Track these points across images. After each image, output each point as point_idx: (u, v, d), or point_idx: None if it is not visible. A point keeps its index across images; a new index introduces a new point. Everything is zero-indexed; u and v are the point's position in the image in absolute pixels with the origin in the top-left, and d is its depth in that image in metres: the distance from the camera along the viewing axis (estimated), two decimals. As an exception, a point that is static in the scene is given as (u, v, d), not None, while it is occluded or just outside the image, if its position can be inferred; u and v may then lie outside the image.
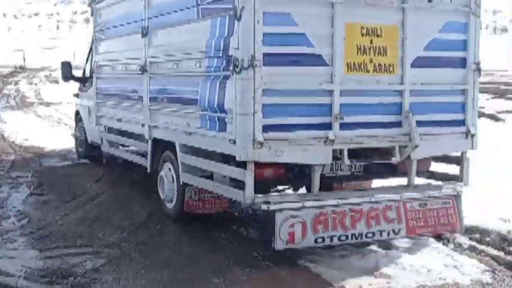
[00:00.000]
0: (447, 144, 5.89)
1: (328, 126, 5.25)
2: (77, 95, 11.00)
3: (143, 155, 7.53)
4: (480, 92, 6.15)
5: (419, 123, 5.60)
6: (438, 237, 6.10)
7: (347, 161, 5.36)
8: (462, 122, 5.91)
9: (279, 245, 5.13)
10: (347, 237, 5.37)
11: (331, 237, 5.31)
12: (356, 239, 5.43)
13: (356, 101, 5.40)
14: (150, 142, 7.01)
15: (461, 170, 6.06)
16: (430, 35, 5.66)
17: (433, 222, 5.73)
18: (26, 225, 6.56)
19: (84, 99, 10.36)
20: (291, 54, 5.11)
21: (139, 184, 8.46)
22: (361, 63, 5.37)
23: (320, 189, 5.40)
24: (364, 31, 5.35)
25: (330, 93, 5.26)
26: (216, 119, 5.40)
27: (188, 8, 5.88)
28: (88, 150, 10.41)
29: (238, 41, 4.99)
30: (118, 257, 5.53)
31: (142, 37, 6.95)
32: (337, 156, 5.33)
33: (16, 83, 30.32)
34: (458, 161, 6.07)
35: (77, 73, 10.55)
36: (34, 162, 10.34)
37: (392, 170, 5.97)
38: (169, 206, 6.64)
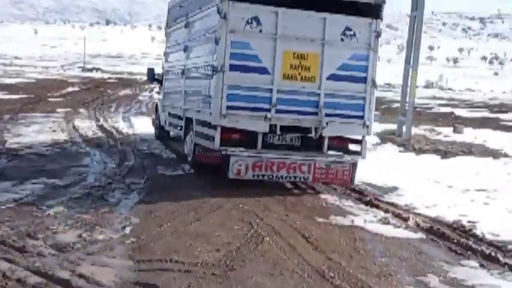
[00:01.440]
0: (350, 130, 9.62)
1: (268, 110, 9.15)
2: (158, 93, 16.10)
3: (181, 129, 11.82)
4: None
5: (329, 115, 9.34)
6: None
7: (278, 132, 9.23)
8: (362, 117, 9.54)
9: (231, 175, 9.10)
10: (273, 176, 9.23)
11: (263, 175, 9.19)
12: (279, 179, 9.29)
13: (287, 97, 9.23)
14: (184, 120, 11.29)
15: (361, 148, 9.71)
16: (341, 60, 9.34)
17: (332, 176, 9.42)
18: (128, 234, 6.65)
19: (160, 96, 14.95)
20: (247, 66, 9.05)
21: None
22: (292, 75, 9.20)
23: (271, 148, 9.38)
24: (295, 55, 9.18)
25: (270, 91, 9.15)
26: (207, 101, 9.50)
27: (200, 36, 10.22)
28: (160, 131, 14.55)
29: (216, 56, 9.07)
30: (206, 277, 5.47)
31: (183, 52, 11.33)
32: (273, 127, 9.20)
33: (151, 90, 35.37)
34: (360, 142, 9.75)
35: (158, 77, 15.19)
36: (149, 168, 10.69)
37: (319, 145, 9.72)
38: (189, 158, 10.91)
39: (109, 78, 55.36)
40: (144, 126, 17.26)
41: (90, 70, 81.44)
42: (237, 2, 8.89)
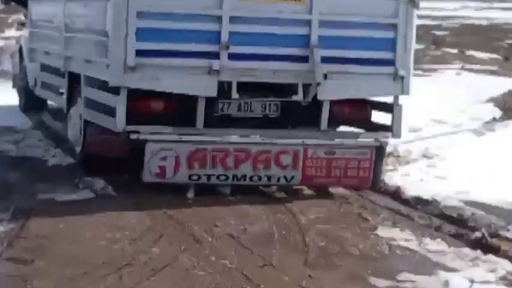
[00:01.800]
0: (367, 86, 5.35)
1: (215, 56, 4.99)
2: (22, 25, 9.31)
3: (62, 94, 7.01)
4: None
5: (330, 59, 5.12)
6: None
7: (235, 95, 5.07)
8: (390, 62, 5.30)
9: (147, 177, 5.04)
10: (227, 177, 5.12)
11: (209, 176, 5.10)
12: (238, 180, 5.15)
13: (249, 30, 5.05)
14: (66, 77, 6.44)
15: (392, 119, 5.47)
16: None
17: (337, 173, 5.27)
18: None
19: (25, 32, 8.68)
20: None
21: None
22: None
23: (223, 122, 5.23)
24: None
25: (218, 19, 4.97)
26: (103, 43, 5.26)
27: None
28: (29, 99, 8.53)
29: None
30: None
31: None
32: (225, 90, 5.06)
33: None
34: (389, 107, 5.50)
35: None
36: (21, 191, 5.60)
37: (314, 118, 5.51)
38: (77, 149, 6.12)
39: None
40: (7, 100, 9.35)
41: None
42: None
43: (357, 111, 5.65)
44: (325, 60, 5.09)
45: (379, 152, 5.37)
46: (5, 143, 6.91)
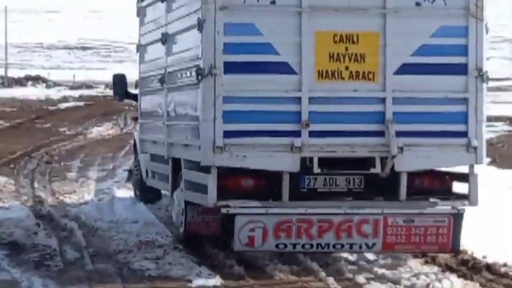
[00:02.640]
0: (442, 157, 5.67)
1: (296, 134, 5.46)
2: (135, 119, 9.68)
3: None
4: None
5: (405, 134, 5.51)
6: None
7: (316, 169, 5.48)
8: (463, 134, 5.64)
9: (237, 246, 5.50)
10: (312, 246, 5.49)
11: (294, 245, 5.48)
12: (322, 248, 5.52)
13: (327, 110, 5.52)
14: (170, 163, 6.99)
15: (469, 187, 5.74)
16: (420, 39, 5.63)
17: (417, 240, 5.54)
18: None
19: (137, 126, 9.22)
20: (255, 62, 5.46)
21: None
22: (334, 71, 5.52)
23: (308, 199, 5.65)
24: (337, 38, 5.48)
25: (298, 100, 5.47)
26: (195, 127, 5.80)
27: (181, 18, 6.39)
28: (143, 188, 8.80)
29: (201, 50, 5.49)
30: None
31: (162, 45, 7.07)
32: (307, 165, 5.49)
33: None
34: (465, 177, 5.78)
35: None
36: None
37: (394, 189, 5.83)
38: (180, 230, 6.74)
39: (64, 99, 33.05)
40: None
41: (20, 82, 44.94)
42: None
43: (437, 182, 5.97)
44: (399, 134, 5.49)
45: (457, 219, 5.64)
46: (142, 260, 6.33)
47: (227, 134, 5.44)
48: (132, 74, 10.53)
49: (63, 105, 30.10)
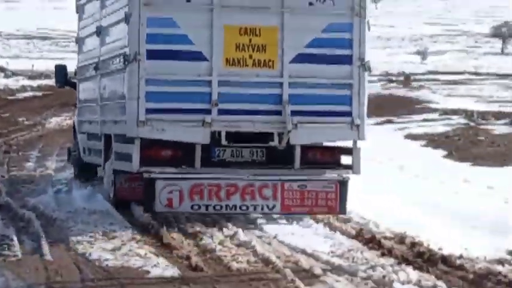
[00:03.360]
0: (330, 133, 6.88)
1: (207, 112, 6.57)
2: (74, 105, 10.98)
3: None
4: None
5: (298, 112, 6.67)
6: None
7: (224, 142, 6.61)
8: (348, 114, 6.83)
9: (158, 207, 6.58)
10: (221, 207, 6.62)
11: (207, 206, 6.60)
12: (230, 209, 6.67)
13: (234, 91, 6.65)
14: (102, 139, 8.16)
15: (352, 159, 6.96)
16: (312, 34, 6.81)
17: (310, 203, 6.73)
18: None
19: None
20: (173, 51, 6.56)
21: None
22: (240, 59, 6.66)
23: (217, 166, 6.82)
24: (243, 31, 6.61)
25: (209, 83, 6.58)
26: (123, 105, 6.89)
27: (112, 13, 7.58)
28: (82, 167, 9.86)
29: (127, 40, 6.57)
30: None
31: (97, 36, 8.26)
32: (216, 137, 6.62)
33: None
34: (351, 150, 6.99)
35: None
36: None
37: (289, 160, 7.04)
38: (110, 195, 7.92)
39: (22, 87, 32.37)
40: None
41: None
42: None
43: (327, 155, 7.16)
44: (294, 113, 6.63)
45: (343, 186, 6.83)
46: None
47: (149, 111, 6.52)
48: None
49: (22, 95, 29.58)
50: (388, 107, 23.50)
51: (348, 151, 7.08)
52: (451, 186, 10.28)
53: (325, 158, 7.15)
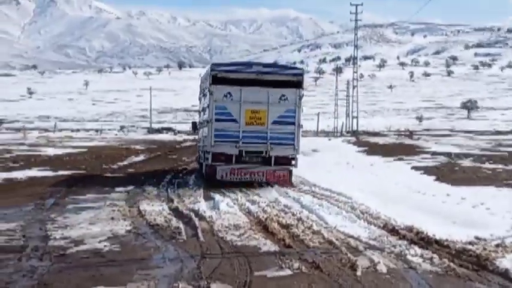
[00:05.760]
0: (286, 152, 17.28)
1: (237, 142, 17.21)
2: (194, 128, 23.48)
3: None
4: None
5: (273, 143, 17.18)
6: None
7: (244, 154, 17.31)
8: (293, 144, 17.26)
9: (218, 177, 17.32)
10: (241, 178, 17.27)
11: (236, 178, 17.27)
12: (246, 179, 17.24)
13: (248, 134, 17.21)
14: (202, 152, 19.39)
15: (294, 162, 17.48)
16: (279, 113, 17.09)
17: (277, 178, 17.27)
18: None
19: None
20: (225, 119, 17.25)
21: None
22: (251, 122, 17.19)
23: (241, 163, 17.46)
24: (252, 111, 17.22)
25: (238, 131, 17.26)
26: (208, 137, 17.73)
27: (206, 104, 18.57)
28: (199, 163, 21.19)
29: (208, 114, 17.58)
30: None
31: (202, 112, 18.95)
32: (241, 152, 17.30)
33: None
34: (294, 158, 17.56)
35: None
36: (242, 270, 8.17)
37: (270, 161, 17.59)
38: (204, 174, 18.86)
39: (184, 140, 51.29)
40: (235, 210, 13.04)
41: (159, 131, 72.40)
42: (219, 85, 17.08)
43: (285, 160, 17.41)
44: (271, 143, 17.13)
45: (290, 172, 17.40)
46: (231, 235, 10.31)
47: (215, 141, 17.17)
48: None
49: (183, 145, 45.26)
50: (399, 150, 34.37)
51: (292, 158, 17.43)
52: (439, 197, 14.91)
53: (283, 161, 17.30)
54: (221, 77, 17.11)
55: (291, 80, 17.33)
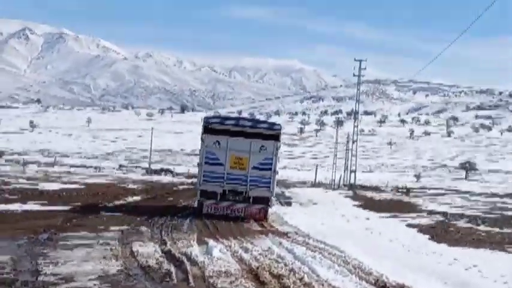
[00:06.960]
0: (262, 192, 20.95)
1: (222, 182, 20.92)
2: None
3: None
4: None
5: (252, 185, 20.90)
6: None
7: (227, 193, 20.91)
8: (269, 187, 20.95)
9: (204, 211, 21.03)
10: (224, 214, 20.92)
11: (219, 212, 20.95)
12: (227, 214, 20.91)
13: (232, 176, 20.95)
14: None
15: (269, 202, 21.20)
16: (259, 160, 20.97)
17: (254, 215, 20.92)
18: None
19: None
20: (213, 162, 21.05)
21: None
22: (234, 166, 20.97)
23: (224, 200, 21.03)
24: (236, 157, 20.94)
25: (224, 173, 20.97)
26: (198, 177, 21.53)
27: (201, 149, 22.08)
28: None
29: (200, 157, 21.41)
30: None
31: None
32: (225, 191, 20.91)
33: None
34: (269, 198, 21.19)
35: None
36: None
37: (249, 200, 21.14)
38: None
39: (181, 184, 51.13)
40: (228, 257, 12.81)
41: (158, 172, 71.73)
42: (209, 134, 21.00)
43: (262, 200, 21.20)
44: (250, 185, 20.93)
45: (266, 210, 21.09)
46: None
47: (204, 180, 20.91)
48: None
49: (181, 187, 45.49)
50: (396, 207, 35.32)
51: (268, 199, 21.06)
52: (432, 257, 15.44)
53: (260, 200, 21.06)
54: (212, 128, 21.25)
55: (270, 134, 21.41)
